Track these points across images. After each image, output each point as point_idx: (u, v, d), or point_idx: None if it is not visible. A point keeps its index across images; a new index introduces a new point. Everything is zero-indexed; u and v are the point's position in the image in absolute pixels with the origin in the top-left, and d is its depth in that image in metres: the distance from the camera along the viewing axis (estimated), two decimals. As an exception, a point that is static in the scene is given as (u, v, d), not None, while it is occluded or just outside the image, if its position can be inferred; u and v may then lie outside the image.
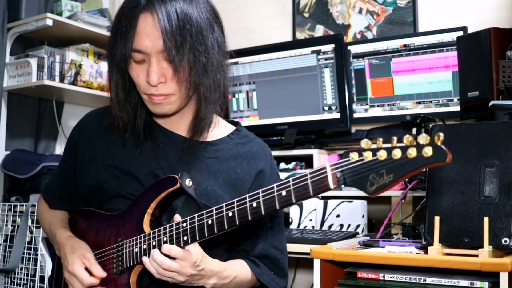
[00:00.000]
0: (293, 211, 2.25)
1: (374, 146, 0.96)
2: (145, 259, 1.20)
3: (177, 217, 1.20)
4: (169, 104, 1.26)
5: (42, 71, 2.53)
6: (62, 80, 2.62)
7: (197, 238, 1.16)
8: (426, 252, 1.49)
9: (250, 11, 3.01)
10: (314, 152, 2.50)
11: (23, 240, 2.30)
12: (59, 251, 1.35)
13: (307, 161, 2.54)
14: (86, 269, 1.27)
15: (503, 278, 1.34)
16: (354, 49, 2.53)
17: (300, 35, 2.85)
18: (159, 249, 1.19)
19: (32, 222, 2.32)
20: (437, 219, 1.48)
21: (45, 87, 2.52)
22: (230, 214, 1.12)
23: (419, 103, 2.39)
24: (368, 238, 1.82)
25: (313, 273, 1.63)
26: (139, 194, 1.28)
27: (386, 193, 2.14)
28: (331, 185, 1.00)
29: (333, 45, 2.54)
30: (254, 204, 1.09)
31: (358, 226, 2.10)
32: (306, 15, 2.84)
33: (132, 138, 1.33)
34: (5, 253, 2.37)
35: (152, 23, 1.19)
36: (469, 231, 1.45)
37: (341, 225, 2.13)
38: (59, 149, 2.89)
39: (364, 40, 2.62)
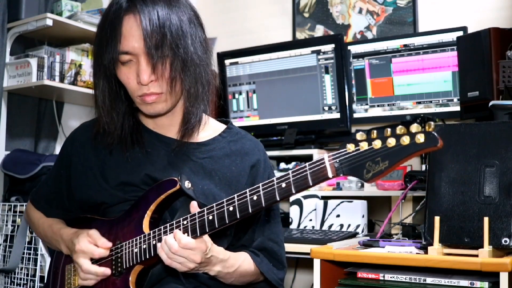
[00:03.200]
0: (293, 211, 2.25)
1: (369, 137, 1.01)
2: (158, 244, 1.20)
3: (195, 206, 1.20)
4: (161, 103, 1.28)
5: (42, 71, 2.53)
6: (62, 80, 2.62)
7: (198, 234, 1.18)
8: (426, 252, 1.49)
9: (250, 11, 3.01)
10: (314, 152, 2.50)
11: (23, 240, 2.29)
12: (66, 246, 1.35)
13: (307, 161, 2.50)
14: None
15: (503, 278, 1.34)
16: (354, 49, 2.53)
17: (300, 35, 2.85)
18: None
19: (32, 222, 2.32)
20: (437, 219, 1.48)
21: (45, 87, 2.52)
22: (231, 208, 1.14)
23: (419, 103, 2.39)
24: (368, 238, 1.82)
25: (313, 273, 1.63)
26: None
27: (386, 193, 2.16)
28: (330, 175, 1.05)
29: (333, 45, 2.54)
30: (255, 198, 1.12)
31: (358, 226, 2.10)
32: (306, 15, 2.84)
33: (119, 145, 1.34)
34: (5, 253, 2.37)
35: (135, 24, 1.22)
36: (469, 231, 1.45)
37: (341, 225, 2.13)
38: (59, 149, 2.88)
39: (364, 40, 2.62)
